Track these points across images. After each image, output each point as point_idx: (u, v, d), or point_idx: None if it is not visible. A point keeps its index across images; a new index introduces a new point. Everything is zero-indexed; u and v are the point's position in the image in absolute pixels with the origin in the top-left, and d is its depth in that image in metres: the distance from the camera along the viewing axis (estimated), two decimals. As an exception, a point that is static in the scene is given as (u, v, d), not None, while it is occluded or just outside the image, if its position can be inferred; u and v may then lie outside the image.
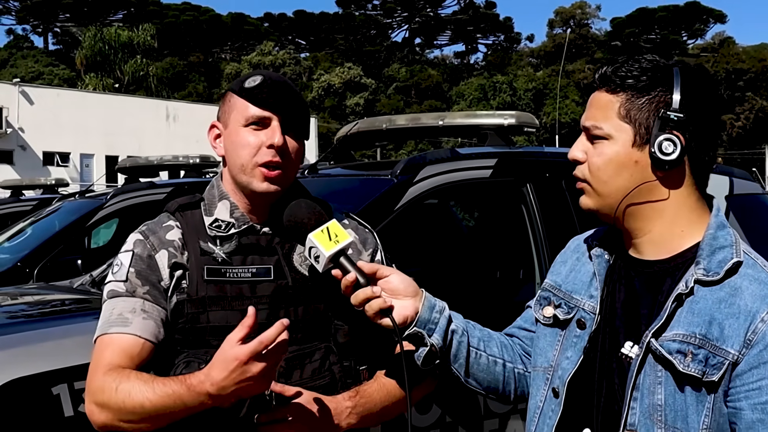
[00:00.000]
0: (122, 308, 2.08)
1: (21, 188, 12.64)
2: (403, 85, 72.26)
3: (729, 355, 1.66)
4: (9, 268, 6.72)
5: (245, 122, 2.09)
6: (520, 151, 4.52)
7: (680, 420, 1.69)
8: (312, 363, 2.10)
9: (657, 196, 1.79)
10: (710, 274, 1.72)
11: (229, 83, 2.30)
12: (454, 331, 1.98)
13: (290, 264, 2.13)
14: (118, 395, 1.95)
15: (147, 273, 2.11)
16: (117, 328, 2.06)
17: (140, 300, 2.08)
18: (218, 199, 2.18)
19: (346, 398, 2.09)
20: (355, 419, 2.09)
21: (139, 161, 8.66)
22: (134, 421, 1.96)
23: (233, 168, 2.12)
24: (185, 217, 2.18)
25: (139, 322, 2.06)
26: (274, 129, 2.09)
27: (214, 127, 2.19)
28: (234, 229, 2.13)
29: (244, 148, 2.09)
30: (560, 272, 2.04)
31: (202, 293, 2.08)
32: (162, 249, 2.13)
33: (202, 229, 2.15)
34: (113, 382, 1.97)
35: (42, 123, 41.48)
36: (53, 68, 65.81)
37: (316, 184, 4.50)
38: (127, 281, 2.10)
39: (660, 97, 1.76)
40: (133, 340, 2.04)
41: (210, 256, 2.11)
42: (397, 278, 1.96)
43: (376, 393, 2.14)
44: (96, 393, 2.01)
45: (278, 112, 2.10)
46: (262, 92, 2.09)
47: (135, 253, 2.13)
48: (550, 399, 1.92)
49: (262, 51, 70.68)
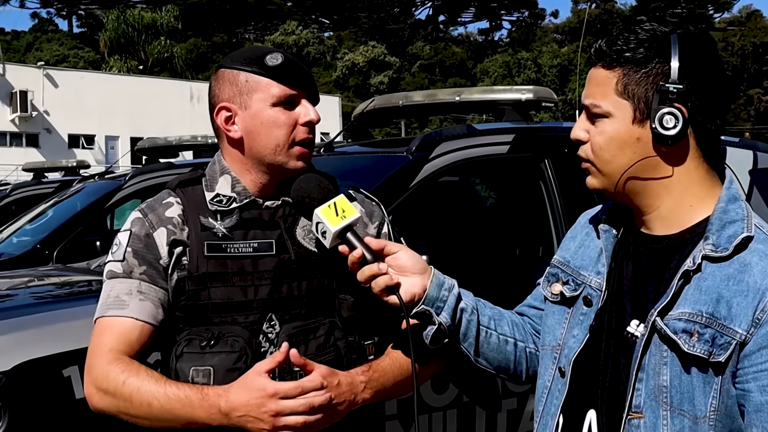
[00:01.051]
0: (119, 290, 2.07)
1: (43, 171, 12.70)
2: (427, 63, 71.94)
3: (737, 334, 1.59)
4: (29, 251, 6.75)
5: (274, 101, 2.05)
6: (537, 127, 4.48)
7: (687, 402, 1.63)
8: (316, 338, 2.06)
9: (662, 173, 1.72)
10: (719, 249, 1.65)
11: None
12: (463, 309, 1.93)
13: (293, 238, 2.10)
14: (124, 388, 1.96)
15: (144, 252, 2.08)
16: (114, 310, 2.05)
17: (137, 281, 2.06)
18: (219, 174, 2.15)
19: (360, 373, 2.06)
20: (370, 394, 2.06)
21: (158, 142, 8.64)
22: (136, 416, 1.97)
23: (263, 149, 2.07)
24: (186, 193, 2.15)
25: (135, 304, 2.04)
26: (306, 106, 2.09)
27: (225, 109, 2.10)
28: (235, 203, 2.10)
29: (280, 128, 2.06)
30: (569, 248, 1.98)
31: (202, 269, 2.05)
32: (161, 227, 2.10)
33: (203, 204, 2.12)
34: (121, 374, 1.97)
35: (67, 106, 41.71)
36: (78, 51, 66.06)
37: (332, 161, 4.48)
38: (124, 261, 2.08)
39: (658, 69, 1.68)
40: (131, 324, 2.03)
41: (210, 232, 2.08)
42: (405, 255, 1.92)
43: (389, 368, 2.12)
44: (99, 379, 2.00)
45: (304, 88, 2.09)
46: (288, 70, 2.06)
47: (132, 232, 2.11)
48: (557, 378, 1.87)
49: (285, 30, 70.60)
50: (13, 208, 10.49)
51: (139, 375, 1.96)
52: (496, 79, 61.26)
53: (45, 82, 41.92)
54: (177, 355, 2.03)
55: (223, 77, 2.11)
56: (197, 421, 1.92)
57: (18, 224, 7.87)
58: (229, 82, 2.09)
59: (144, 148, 8.61)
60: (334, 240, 1.95)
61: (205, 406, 1.90)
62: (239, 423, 1.88)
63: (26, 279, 4.63)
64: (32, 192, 10.61)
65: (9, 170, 24.99)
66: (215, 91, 2.13)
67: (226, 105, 2.10)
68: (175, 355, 2.04)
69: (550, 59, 64.95)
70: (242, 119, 2.08)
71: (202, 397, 1.91)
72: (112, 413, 2.01)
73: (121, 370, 1.97)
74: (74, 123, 42.28)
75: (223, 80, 2.11)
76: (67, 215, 7.30)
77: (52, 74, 42.93)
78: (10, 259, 6.70)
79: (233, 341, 2.01)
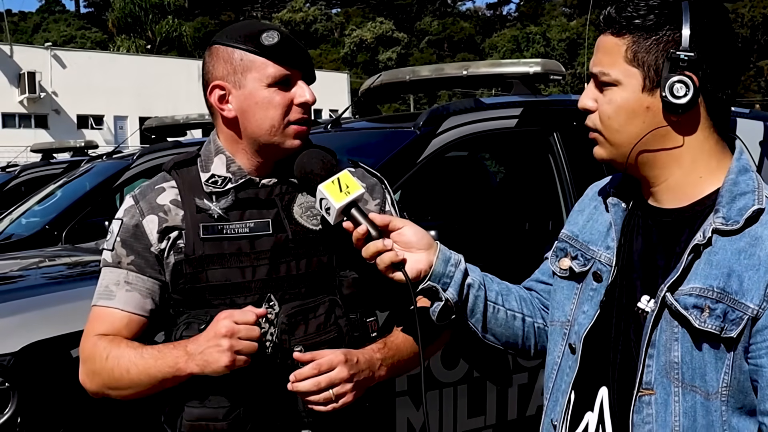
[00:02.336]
0: (108, 280, 2.10)
1: (51, 151, 12.71)
2: (435, 39, 71.74)
3: (748, 309, 1.56)
4: (38, 231, 6.76)
5: (270, 81, 2.02)
6: (545, 100, 4.44)
7: (698, 378, 1.61)
8: (317, 317, 2.03)
9: (672, 143, 1.68)
10: (729, 222, 1.61)
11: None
12: (470, 284, 1.90)
13: (290, 216, 2.07)
14: (107, 363, 2.00)
15: (132, 242, 2.08)
16: (103, 301, 2.09)
17: (124, 271, 2.08)
18: (214, 154, 2.12)
19: (375, 350, 2.06)
20: (385, 371, 2.06)
21: (166, 120, 8.63)
22: (119, 388, 2.03)
23: (257, 129, 2.04)
24: (181, 175, 2.12)
25: (122, 295, 2.07)
26: (302, 86, 2.05)
27: (219, 87, 2.06)
28: (231, 184, 2.07)
29: (275, 108, 2.03)
30: (577, 222, 1.95)
31: (199, 252, 2.03)
32: (150, 214, 2.08)
33: (198, 185, 2.09)
34: (104, 351, 2.02)
35: (75, 86, 41.80)
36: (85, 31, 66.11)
37: (340, 137, 4.45)
38: (113, 251, 2.10)
39: (668, 36, 1.64)
40: (118, 315, 2.07)
41: (206, 213, 2.05)
42: (410, 230, 1.89)
43: (403, 345, 2.11)
44: (87, 361, 2.07)
45: (300, 68, 2.06)
46: (284, 49, 2.03)
47: (123, 222, 2.11)
48: (567, 355, 1.85)
49: (293, 8, 70.48)
50: (22, 189, 10.54)
51: (120, 347, 2.01)
52: (505, 54, 61.05)
53: (53, 62, 41.99)
54: (176, 338, 2.03)
55: (217, 54, 2.07)
56: (168, 370, 1.94)
57: (27, 205, 7.88)
58: (224, 59, 2.05)
59: (152, 127, 8.60)
60: (338, 216, 1.92)
61: (174, 352, 1.94)
62: (203, 361, 1.89)
63: (35, 260, 4.64)
64: (41, 173, 10.65)
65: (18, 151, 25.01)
66: (209, 68, 2.08)
67: (219, 83, 2.05)
68: (174, 338, 2.04)
69: (559, 33, 64.68)
70: (236, 98, 2.05)
71: (174, 346, 1.96)
72: (104, 393, 2.07)
73: (104, 347, 2.02)
74: (83, 103, 42.38)
75: (217, 57, 2.07)
76: (76, 196, 7.30)
77: (59, 55, 43.01)
78: (19, 240, 6.72)
79: None
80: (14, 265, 4.48)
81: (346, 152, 4.15)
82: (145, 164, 7.14)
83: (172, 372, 1.94)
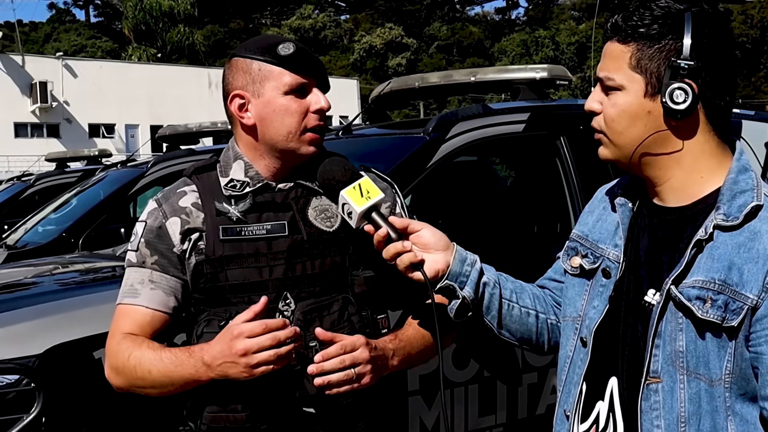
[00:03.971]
0: (133, 279, 2.19)
1: (66, 160, 12.80)
2: (444, 44, 71.68)
3: (748, 299, 1.64)
4: (55, 239, 6.85)
5: (286, 90, 2.12)
6: (552, 105, 4.49)
7: (702, 366, 1.68)
8: (330, 315, 2.13)
9: (672, 146, 1.77)
10: (730, 218, 1.70)
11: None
12: (485, 283, 1.99)
13: (305, 219, 2.16)
14: (129, 362, 2.10)
15: (156, 243, 2.17)
16: (128, 299, 2.19)
17: (149, 270, 2.17)
18: (233, 159, 2.21)
19: (388, 341, 2.15)
20: (398, 362, 2.16)
21: (179, 129, 8.71)
22: (144, 386, 2.12)
23: (275, 136, 2.14)
24: (201, 180, 2.22)
25: (147, 293, 2.17)
26: (317, 94, 2.15)
27: (239, 96, 2.16)
28: (249, 188, 2.17)
29: (292, 115, 2.12)
30: (587, 222, 2.03)
31: (219, 252, 2.12)
32: (173, 216, 2.17)
33: (217, 190, 2.18)
34: (126, 351, 2.11)
35: (86, 96, 41.93)
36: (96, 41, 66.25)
37: (351, 144, 4.51)
38: (138, 251, 2.19)
39: (671, 45, 1.72)
40: (143, 311, 2.16)
41: (225, 216, 2.15)
42: (428, 232, 1.97)
43: (413, 337, 2.21)
44: (111, 358, 2.17)
45: (315, 76, 2.16)
46: (299, 59, 2.12)
47: (147, 223, 2.20)
48: (579, 348, 1.93)
49: (302, 15, 70.52)
50: (36, 198, 10.60)
51: (141, 347, 2.10)
52: (514, 58, 60.93)
53: (64, 72, 42.13)
54: (198, 335, 2.13)
55: (236, 65, 2.17)
56: (189, 378, 2.04)
57: (43, 213, 7.97)
58: (243, 70, 2.15)
59: (165, 135, 8.68)
60: (359, 220, 2.00)
61: (192, 362, 2.02)
62: (222, 372, 1.99)
63: (53, 266, 4.69)
64: (55, 182, 10.71)
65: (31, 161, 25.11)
66: (229, 79, 2.19)
67: (239, 93, 2.16)
68: (195, 335, 2.14)
69: (568, 36, 64.56)
70: (255, 107, 2.14)
71: (189, 355, 2.04)
72: (127, 389, 2.17)
73: (126, 347, 2.11)
74: (94, 112, 42.49)
75: (236, 68, 2.17)
76: (91, 204, 7.39)
77: (70, 64, 43.16)
78: (36, 247, 6.80)
79: None
80: (34, 271, 4.55)
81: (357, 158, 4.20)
82: (159, 172, 7.22)
83: (192, 379, 2.04)
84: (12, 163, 35.35)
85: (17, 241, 7.40)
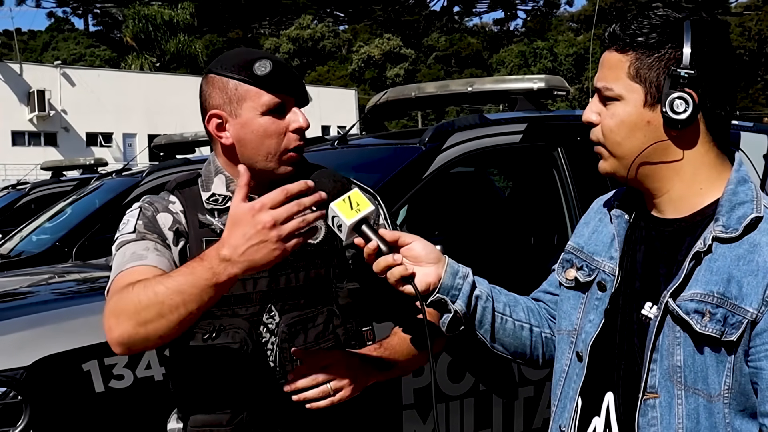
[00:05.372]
0: (135, 248, 2.03)
1: (61, 169, 12.80)
2: (442, 55, 71.83)
3: (748, 313, 1.60)
4: (48, 248, 6.81)
5: (264, 110, 2.08)
6: (549, 115, 4.48)
7: (700, 381, 1.65)
8: (315, 327, 2.11)
9: (672, 156, 1.73)
10: (729, 230, 1.66)
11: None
12: (478, 296, 1.95)
13: None
14: (132, 295, 1.84)
15: (152, 226, 2.09)
16: (133, 263, 1.99)
17: (152, 242, 2.06)
18: (214, 174, 2.18)
19: (372, 351, 2.13)
20: (381, 371, 2.13)
21: (174, 138, 8.71)
22: (149, 320, 1.82)
23: (254, 156, 2.10)
24: (183, 194, 2.18)
25: (153, 256, 2.02)
26: (296, 113, 2.12)
27: (216, 116, 2.11)
28: (231, 202, 2.11)
29: (270, 137, 2.09)
30: (583, 234, 2.00)
31: None
32: (164, 212, 2.12)
33: (199, 203, 2.15)
34: (128, 289, 1.86)
35: (84, 104, 41.98)
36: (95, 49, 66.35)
37: (346, 154, 4.49)
38: (135, 231, 2.07)
39: (670, 54, 1.69)
40: (152, 269, 1.97)
41: (208, 228, 2.11)
42: (419, 245, 1.93)
43: (399, 347, 2.18)
44: (112, 308, 1.89)
45: (293, 94, 2.12)
46: (276, 77, 2.08)
47: (141, 210, 2.13)
48: (575, 363, 1.89)
49: (300, 25, 70.63)
50: (32, 207, 10.59)
51: (145, 280, 1.87)
52: (512, 69, 61.07)
53: (62, 81, 42.17)
54: (181, 349, 2.08)
55: (213, 83, 2.12)
56: (205, 284, 1.78)
57: (37, 222, 7.94)
58: (219, 88, 2.11)
59: (160, 144, 8.67)
60: (349, 233, 1.96)
61: (205, 264, 1.78)
62: (248, 260, 1.76)
63: (46, 276, 4.68)
64: (51, 190, 10.72)
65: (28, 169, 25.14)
66: (206, 97, 2.14)
67: (217, 112, 2.11)
68: (178, 350, 2.09)
69: (566, 48, 64.71)
70: (233, 127, 2.10)
71: (202, 258, 1.80)
72: (131, 340, 1.86)
73: (129, 287, 1.87)
74: (92, 121, 42.52)
75: (213, 86, 2.12)
76: (86, 213, 7.36)
77: (69, 73, 43.18)
78: (30, 256, 6.77)
79: (234, 333, 2.05)
80: (26, 281, 4.52)
81: (352, 169, 4.21)
82: (155, 181, 7.20)
83: (209, 283, 1.78)
84: (9, 172, 35.34)
85: (11, 250, 7.36)
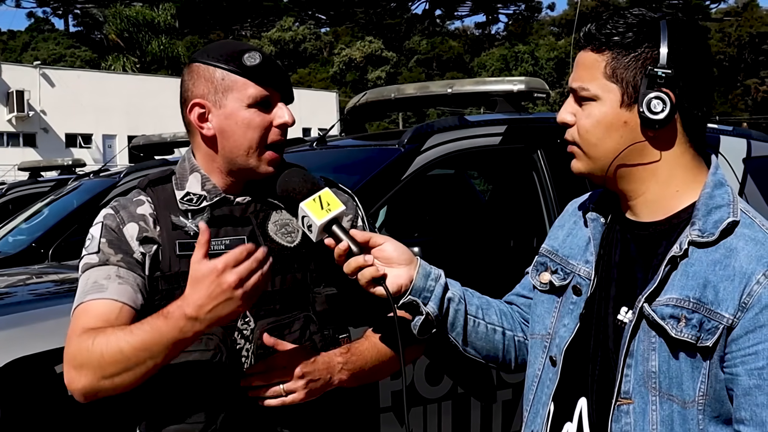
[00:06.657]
0: (96, 276, 1.99)
1: (39, 170, 12.71)
2: (424, 58, 71.94)
3: (724, 319, 1.59)
4: (24, 249, 6.77)
5: (251, 102, 2.02)
6: (529, 118, 4.47)
7: (675, 387, 1.63)
8: (292, 333, 2.05)
9: (649, 157, 1.72)
10: (705, 234, 1.65)
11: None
12: (450, 299, 1.93)
13: (265, 234, 2.08)
14: (94, 349, 1.85)
15: (117, 243, 2.03)
16: (93, 295, 1.96)
17: (114, 267, 2.00)
18: (189, 172, 2.12)
19: (337, 354, 2.06)
20: (347, 375, 2.06)
21: (153, 139, 8.65)
22: (115, 374, 1.85)
23: (235, 149, 2.05)
24: (156, 192, 2.12)
25: (114, 287, 1.97)
26: (282, 108, 2.06)
27: (199, 105, 2.06)
28: (206, 202, 2.07)
29: (254, 130, 2.03)
30: (557, 237, 1.98)
31: (175, 269, 2.02)
32: (131, 222, 2.06)
33: (173, 203, 2.09)
34: (88, 340, 1.87)
35: (63, 105, 41.70)
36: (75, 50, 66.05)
37: (325, 155, 4.47)
38: (99, 252, 2.02)
39: (647, 54, 1.68)
40: (110, 304, 1.95)
41: (182, 230, 2.05)
42: (390, 246, 1.91)
43: (368, 351, 2.11)
44: (73, 358, 1.90)
45: (279, 89, 2.07)
46: (265, 70, 2.03)
47: (105, 224, 2.06)
48: (548, 367, 1.87)
49: (282, 27, 70.59)
50: (9, 207, 10.50)
51: (106, 332, 1.87)
52: (494, 73, 61.26)
53: (41, 81, 41.89)
54: None
55: (197, 72, 2.07)
56: (173, 340, 1.81)
57: (14, 223, 7.88)
58: (204, 78, 2.05)
59: (139, 145, 8.62)
60: (320, 233, 1.93)
61: (171, 323, 1.80)
62: (214, 317, 1.79)
63: (21, 277, 4.62)
64: (28, 191, 10.64)
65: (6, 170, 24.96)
66: (188, 86, 2.08)
67: (199, 101, 2.05)
68: None
69: (547, 52, 64.98)
70: (216, 117, 2.05)
71: (166, 317, 1.81)
72: (95, 390, 1.89)
73: (88, 337, 1.88)
74: (71, 122, 42.26)
75: (197, 75, 2.07)
76: (63, 213, 7.31)
77: (48, 74, 42.91)
78: (5, 257, 6.71)
79: (207, 339, 1.99)
80: (1, 281, 4.47)
81: (331, 170, 4.19)
82: (132, 182, 7.13)
83: (176, 340, 1.81)
84: (-13, 172, 35.11)
85: (-13, 250, 7.29)
